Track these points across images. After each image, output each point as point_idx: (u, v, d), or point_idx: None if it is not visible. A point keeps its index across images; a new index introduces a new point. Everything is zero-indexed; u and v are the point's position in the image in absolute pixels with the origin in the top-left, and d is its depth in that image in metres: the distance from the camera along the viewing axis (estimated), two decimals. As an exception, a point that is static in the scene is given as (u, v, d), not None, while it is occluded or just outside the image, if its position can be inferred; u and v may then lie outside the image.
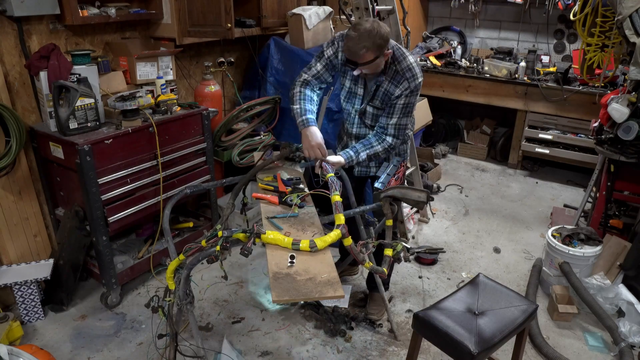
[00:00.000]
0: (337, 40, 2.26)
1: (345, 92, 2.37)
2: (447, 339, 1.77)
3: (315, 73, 2.31)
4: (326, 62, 2.29)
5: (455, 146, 5.36)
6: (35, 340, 2.53)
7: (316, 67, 2.30)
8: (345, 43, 2.06)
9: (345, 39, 2.06)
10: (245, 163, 3.40)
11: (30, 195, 2.73)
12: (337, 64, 2.30)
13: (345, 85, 2.35)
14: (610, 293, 2.66)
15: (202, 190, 2.30)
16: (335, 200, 1.86)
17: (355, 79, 2.30)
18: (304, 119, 2.20)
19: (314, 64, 2.31)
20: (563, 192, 4.43)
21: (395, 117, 2.23)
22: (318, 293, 1.51)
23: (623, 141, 2.81)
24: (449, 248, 3.45)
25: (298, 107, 2.24)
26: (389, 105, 2.25)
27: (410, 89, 2.19)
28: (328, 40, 2.32)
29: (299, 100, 2.25)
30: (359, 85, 2.31)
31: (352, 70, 2.14)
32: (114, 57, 2.96)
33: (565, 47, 4.83)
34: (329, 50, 2.28)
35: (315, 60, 2.32)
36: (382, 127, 2.28)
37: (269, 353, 2.47)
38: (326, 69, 2.31)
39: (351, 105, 2.38)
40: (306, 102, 2.25)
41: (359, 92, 2.32)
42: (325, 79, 2.33)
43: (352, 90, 2.34)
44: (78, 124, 2.48)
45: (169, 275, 1.90)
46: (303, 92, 2.28)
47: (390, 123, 2.25)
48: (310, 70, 2.31)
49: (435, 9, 5.50)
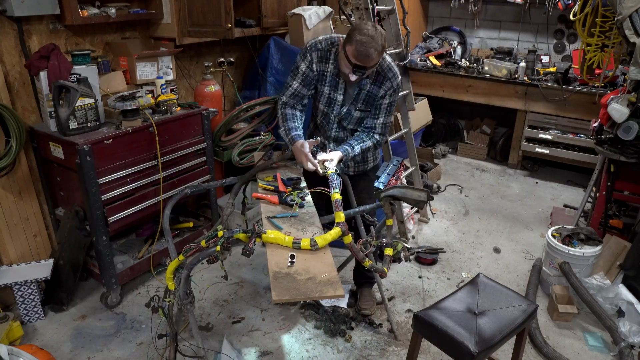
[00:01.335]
0: (309, 52, 2.22)
1: (324, 99, 2.33)
2: (447, 339, 1.77)
3: (292, 92, 2.29)
4: (302, 78, 2.27)
5: (455, 146, 5.36)
6: (35, 340, 2.53)
7: (292, 86, 2.29)
8: (355, 48, 1.99)
9: (354, 39, 1.99)
10: (245, 163, 3.40)
11: (30, 195, 2.73)
12: (313, 77, 2.27)
13: (323, 92, 2.30)
14: (610, 293, 2.66)
15: (202, 190, 2.30)
16: (336, 198, 1.87)
17: (335, 86, 2.27)
18: (289, 137, 2.24)
19: (290, 82, 2.29)
20: (563, 192, 4.43)
21: (381, 117, 2.30)
22: (318, 292, 1.51)
23: (623, 141, 2.81)
24: (449, 248, 3.45)
25: (283, 129, 2.29)
26: (374, 107, 2.29)
27: (393, 88, 2.24)
28: (300, 53, 2.27)
29: (282, 122, 2.30)
30: (339, 91, 2.28)
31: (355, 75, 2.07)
32: (114, 57, 2.96)
33: (565, 47, 4.83)
34: (303, 66, 2.25)
35: (291, 78, 2.30)
36: (369, 128, 2.33)
37: (269, 353, 2.47)
38: (303, 85, 2.28)
39: (330, 110, 2.35)
40: (289, 122, 2.28)
41: (338, 98, 2.29)
42: (304, 94, 2.31)
43: (331, 97, 2.31)
44: (78, 124, 2.48)
45: (169, 276, 1.90)
46: (284, 113, 2.30)
47: (377, 123, 2.31)
48: (288, 90, 2.30)
49: (435, 9, 5.50)
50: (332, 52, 2.22)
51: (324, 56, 2.22)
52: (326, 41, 2.22)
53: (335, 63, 2.22)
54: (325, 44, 2.21)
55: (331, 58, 2.22)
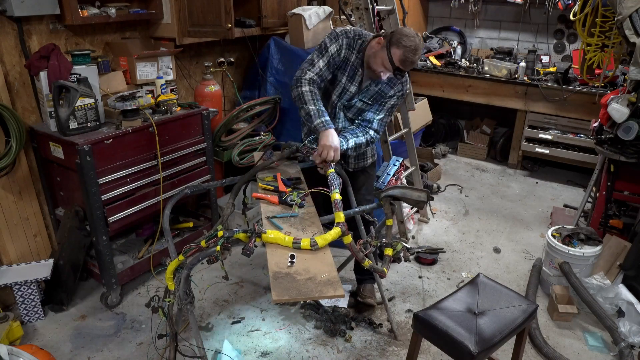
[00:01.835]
0: (340, 37, 2.23)
1: (339, 88, 2.33)
2: (447, 339, 1.77)
3: (318, 71, 2.22)
4: (329, 58, 2.23)
5: (455, 146, 5.36)
6: (35, 340, 2.53)
7: (319, 64, 2.22)
8: (403, 53, 2.06)
9: (402, 45, 2.05)
10: (245, 163, 3.40)
11: (30, 195, 2.73)
12: (337, 62, 2.27)
13: (341, 81, 2.31)
14: (610, 293, 2.66)
15: (202, 190, 2.30)
16: (335, 198, 1.86)
17: (352, 77, 2.29)
18: (323, 120, 2.13)
19: (317, 59, 2.22)
20: (563, 192, 4.43)
21: (382, 114, 2.34)
22: (318, 292, 1.51)
23: (623, 141, 2.81)
24: (449, 248, 3.45)
25: (314, 107, 2.14)
26: (378, 103, 2.33)
27: (402, 92, 2.33)
28: (329, 34, 2.26)
29: (312, 100, 2.15)
30: (354, 83, 2.30)
31: (394, 76, 2.17)
32: (114, 57, 2.96)
33: (565, 47, 4.83)
34: (333, 47, 2.23)
35: (318, 55, 2.23)
36: (367, 121, 2.34)
37: (269, 353, 2.47)
38: (328, 67, 2.24)
39: (339, 99, 2.36)
40: (319, 103, 2.17)
41: (352, 89, 2.31)
42: (326, 76, 2.26)
43: (345, 87, 2.32)
44: (78, 124, 2.48)
45: (169, 276, 1.90)
46: (314, 91, 2.18)
47: (376, 118, 2.34)
48: (314, 67, 2.21)
49: (435, 9, 5.50)
50: (358, 43, 2.24)
51: (351, 45, 2.24)
52: (354, 32, 2.26)
53: (359, 55, 2.24)
54: (353, 34, 2.25)
55: (355, 48, 2.24)
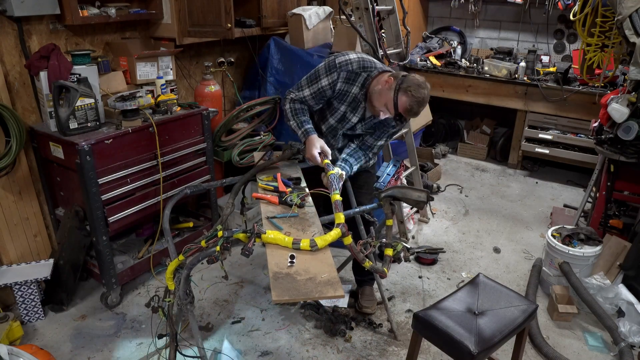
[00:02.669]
0: (337, 71, 2.17)
1: (338, 115, 2.31)
2: (447, 339, 1.77)
3: (301, 98, 2.27)
4: (317, 90, 2.23)
5: (455, 146, 5.36)
6: (35, 340, 2.53)
7: (304, 92, 2.26)
8: (409, 103, 2.03)
9: (410, 99, 2.02)
10: (245, 163, 3.40)
11: (30, 195, 2.73)
12: (328, 95, 2.25)
13: (339, 109, 2.29)
14: (610, 293, 2.66)
15: (202, 190, 2.30)
16: (335, 199, 1.87)
17: (354, 108, 2.27)
18: (303, 130, 2.23)
19: (304, 87, 2.25)
20: (563, 192, 4.43)
21: (382, 140, 2.40)
22: (318, 293, 1.51)
23: (623, 141, 2.81)
24: (449, 248, 3.45)
25: (293, 122, 2.27)
26: (380, 130, 2.36)
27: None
28: (328, 62, 2.20)
29: (292, 115, 2.28)
30: (356, 114, 2.28)
31: (395, 122, 2.21)
32: (114, 57, 2.97)
33: (565, 47, 4.83)
34: (325, 81, 2.19)
35: (307, 82, 2.25)
36: (368, 147, 2.40)
37: (269, 353, 2.47)
38: (313, 97, 2.25)
39: (341, 126, 2.36)
40: (300, 115, 2.27)
41: (353, 119, 2.31)
42: (310, 105, 2.29)
43: (346, 116, 2.31)
44: (78, 124, 2.48)
45: (169, 276, 1.91)
46: (293, 107, 2.29)
47: (377, 144, 2.40)
48: (299, 92, 2.27)
49: (435, 9, 5.50)
50: (362, 76, 2.18)
51: (351, 78, 2.18)
52: (358, 63, 2.17)
53: (362, 89, 2.19)
54: (356, 66, 2.17)
55: (358, 82, 2.18)
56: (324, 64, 2.22)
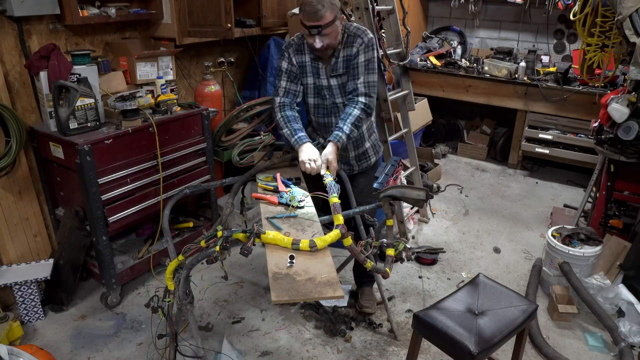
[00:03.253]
0: (285, 50, 2.33)
1: (311, 90, 2.37)
2: (447, 339, 1.77)
3: (284, 91, 2.35)
4: (287, 75, 2.34)
5: (455, 146, 5.36)
6: (35, 340, 2.54)
7: (282, 85, 2.35)
8: (303, 9, 2.11)
9: (303, 5, 2.11)
10: (245, 163, 3.40)
11: (30, 195, 2.73)
12: (296, 71, 2.34)
13: (308, 83, 2.36)
14: (610, 293, 2.66)
15: (202, 190, 2.30)
16: (334, 202, 1.87)
17: (317, 72, 2.32)
18: (296, 138, 2.25)
19: (278, 82, 2.36)
20: (563, 192, 4.43)
21: (361, 76, 2.26)
22: (318, 293, 1.51)
23: (623, 141, 2.81)
24: (449, 248, 3.45)
25: (286, 130, 2.30)
26: (351, 69, 2.29)
27: (364, 44, 2.24)
28: (279, 57, 2.43)
29: (284, 124, 2.31)
30: (322, 77, 2.32)
31: (314, 37, 2.13)
32: (114, 57, 2.96)
33: (565, 47, 4.83)
34: (284, 63, 2.33)
35: (278, 79, 2.37)
36: (352, 92, 2.30)
37: (269, 353, 2.47)
38: (290, 80, 2.35)
39: (321, 98, 2.38)
40: (291, 123, 2.30)
41: (324, 83, 2.33)
42: (295, 90, 2.36)
43: (317, 84, 2.35)
44: (78, 124, 2.48)
45: (169, 276, 1.90)
46: (284, 115, 2.32)
47: (358, 83, 2.26)
48: (279, 90, 2.35)
49: (435, 9, 5.50)
50: (304, 43, 2.30)
51: (299, 49, 2.32)
52: (297, 36, 2.34)
53: (310, 52, 2.30)
54: (297, 39, 2.33)
55: (305, 49, 2.31)
56: (278, 59, 2.41)
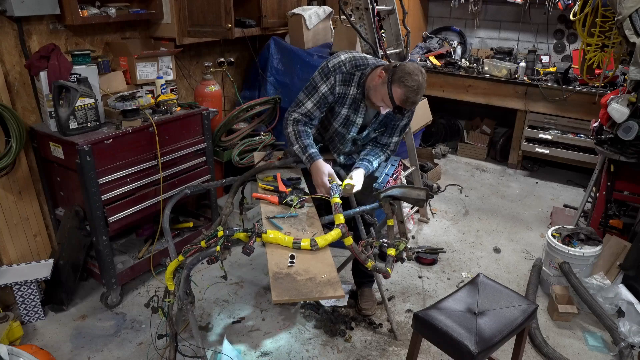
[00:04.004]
0: (332, 75, 2.13)
1: (340, 119, 2.25)
2: (447, 339, 1.77)
3: (306, 112, 2.18)
4: (319, 99, 2.16)
5: (455, 146, 5.36)
6: (35, 340, 2.53)
7: (306, 106, 2.17)
8: (404, 93, 1.97)
9: (405, 89, 1.96)
10: (245, 163, 3.40)
11: (30, 195, 2.73)
12: (330, 101, 2.18)
13: (341, 113, 2.23)
14: (610, 293, 2.66)
15: (202, 190, 2.30)
16: (335, 202, 1.87)
17: (356, 109, 2.21)
18: (307, 155, 2.13)
19: (304, 100, 2.18)
20: (563, 192, 4.43)
21: (396, 137, 2.36)
22: (318, 293, 1.51)
23: (623, 141, 2.81)
24: (449, 248, 3.45)
25: (297, 146, 2.16)
26: (390, 127, 2.33)
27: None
28: (321, 69, 2.16)
29: (295, 139, 2.17)
30: (359, 115, 2.23)
31: (394, 114, 2.13)
32: (114, 57, 2.96)
33: (565, 47, 4.83)
34: (324, 87, 2.14)
35: (305, 95, 2.18)
36: (384, 145, 2.37)
37: (269, 353, 2.47)
38: (317, 107, 2.18)
39: (346, 130, 2.29)
40: (303, 139, 2.16)
41: (358, 121, 2.25)
42: (316, 116, 2.21)
43: (349, 119, 2.24)
44: (78, 124, 2.48)
45: (169, 276, 1.90)
46: (296, 130, 2.17)
47: (392, 142, 2.37)
48: (300, 107, 2.19)
49: (435, 9, 5.50)
50: (357, 75, 2.14)
51: (347, 79, 2.15)
52: (350, 63, 2.14)
53: (359, 88, 2.15)
54: (349, 67, 2.14)
55: (354, 81, 2.15)
56: (318, 71, 2.17)
